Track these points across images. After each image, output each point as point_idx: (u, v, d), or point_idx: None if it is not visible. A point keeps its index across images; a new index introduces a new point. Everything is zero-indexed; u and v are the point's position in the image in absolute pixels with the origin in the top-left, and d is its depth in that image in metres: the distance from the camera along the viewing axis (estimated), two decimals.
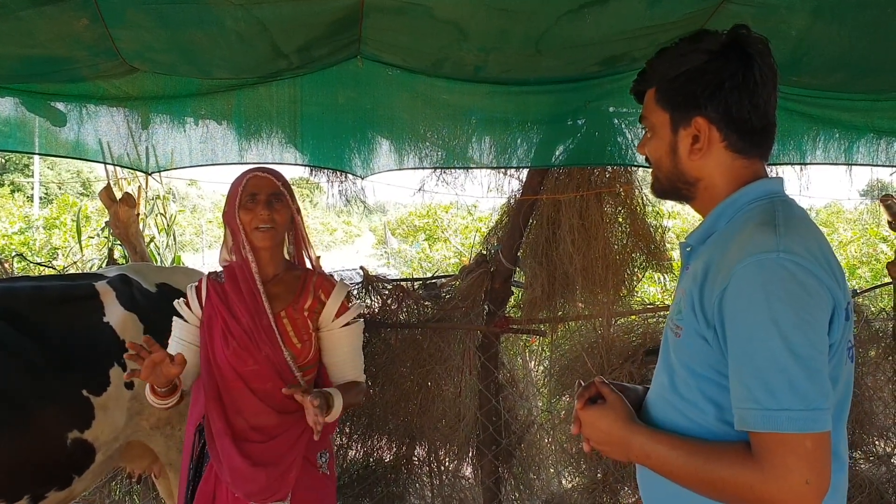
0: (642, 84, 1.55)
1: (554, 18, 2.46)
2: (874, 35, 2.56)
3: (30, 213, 15.33)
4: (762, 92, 1.43)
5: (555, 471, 4.26)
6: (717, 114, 1.43)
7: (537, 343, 4.35)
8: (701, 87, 1.43)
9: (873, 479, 4.01)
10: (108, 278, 2.98)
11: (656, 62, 1.51)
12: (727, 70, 1.41)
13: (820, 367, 1.25)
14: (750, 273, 1.27)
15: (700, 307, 1.36)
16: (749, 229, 1.34)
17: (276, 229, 2.32)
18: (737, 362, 1.29)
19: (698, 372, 1.39)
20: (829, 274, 1.29)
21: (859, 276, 8.87)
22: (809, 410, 1.22)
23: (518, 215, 3.86)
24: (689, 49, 1.45)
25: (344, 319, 2.41)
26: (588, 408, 1.52)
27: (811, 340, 1.24)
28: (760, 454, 1.25)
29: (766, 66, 1.43)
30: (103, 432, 2.75)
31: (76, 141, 3.51)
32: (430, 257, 12.26)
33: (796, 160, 3.64)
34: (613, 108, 3.35)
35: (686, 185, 1.51)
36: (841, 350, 1.35)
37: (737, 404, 1.29)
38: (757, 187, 1.44)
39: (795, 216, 1.38)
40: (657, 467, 1.41)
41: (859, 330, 4.07)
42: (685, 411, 1.42)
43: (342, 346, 2.42)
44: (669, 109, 1.48)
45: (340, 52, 2.84)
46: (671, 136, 1.49)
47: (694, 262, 1.46)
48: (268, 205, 2.30)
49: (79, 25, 2.44)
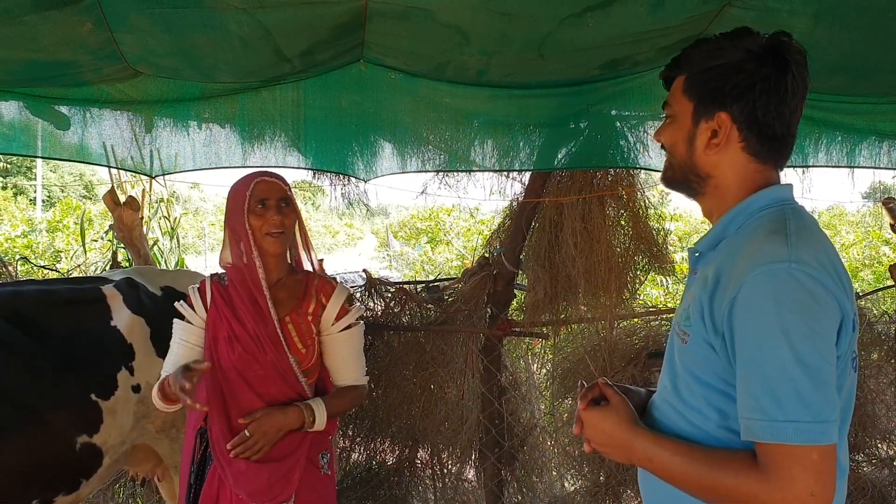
0: (674, 70, 1.54)
1: (556, 22, 2.47)
2: (875, 38, 2.56)
3: (33, 216, 15.34)
4: (790, 101, 1.42)
5: (557, 474, 4.26)
6: (742, 114, 1.43)
7: (540, 346, 4.35)
8: (732, 84, 1.42)
9: (876, 482, 4.01)
10: (115, 282, 2.99)
11: (692, 51, 1.49)
12: (761, 73, 1.41)
13: (828, 379, 1.24)
14: (761, 283, 1.26)
15: (709, 315, 1.35)
16: (760, 238, 1.34)
17: (286, 234, 2.33)
18: (745, 371, 1.28)
19: (703, 379, 1.39)
20: (838, 284, 1.29)
21: (862, 279, 8.86)
22: (817, 423, 1.22)
23: (520, 218, 3.86)
24: (728, 44, 1.44)
25: (343, 323, 2.42)
26: (591, 409, 1.51)
27: (820, 351, 1.24)
28: (766, 464, 1.25)
29: (799, 76, 1.42)
30: (111, 436, 2.76)
31: (80, 144, 3.51)
32: (433, 260, 12.27)
33: (798, 163, 3.65)
34: (616, 112, 3.36)
35: (697, 178, 1.51)
36: (846, 360, 1.35)
37: (743, 414, 1.29)
38: (768, 194, 1.44)
39: (806, 225, 1.37)
40: (659, 471, 1.40)
41: (862, 333, 4.07)
42: (688, 416, 1.42)
43: (341, 351, 2.43)
44: (695, 100, 1.47)
45: (343, 57, 2.85)
46: (691, 126, 1.48)
47: (703, 268, 1.46)
48: (278, 210, 2.31)
49: (83, 30, 2.45)
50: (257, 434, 2.21)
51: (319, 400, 2.32)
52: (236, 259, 2.37)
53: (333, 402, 2.37)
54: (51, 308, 2.76)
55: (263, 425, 2.22)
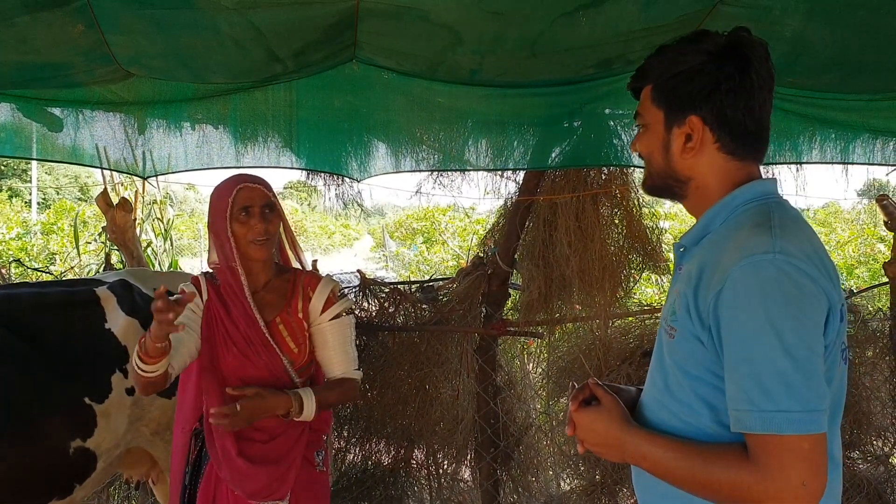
0: (639, 81, 1.56)
1: (548, 21, 2.47)
2: (867, 35, 2.56)
3: (28, 219, 15.30)
4: (758, 96, 1.44)
5: (553, 473, 4.26)
6: (712, 114, 1.44)
7: (535, 345, 4.35)
8: (697, 88, 1.44)
9: (871, 478, 4.01)
10: (109, 284, 2.97)
11: (654, 60, 1.51)
12: (724, 72, 1.42)
13: (816, 369, 1.25)
14: (746, 275, 1.28)
15: (695, 309, 1.36)
16: (745, 231, 1.35)
17: (271, 240, 2.32)
18: (733, 364, 1.29)
19: (692, 373, 1.39)
20: (824, 275, 1.30)
21: (857, 276, 8.88)
22: (807, 412, 1.23)
23: (515, 217, 3.86)
24: (689, 49, 1.46)
25: (331, 313, 2.40)
26: (583, 409, 1.51)
27: (807, 342, 1.25)
28: (757, 455, 1.26)
29: (763, 69, 1.44)
30: (105, 440, 2.74)
31: (73, 146, 3.51)
32: (429, 260, 12.27)
33: (793, 160, 3.65)
34: (609, 110, 3.36)
35: (677, 183, 1.52)
36: (835, 351, 1.35)
37: (733, 406, 1.30)
38: (751, 188, 1.45)
39: (790, 217, 1.39)
40: (652, 468, 1.41)
41: (856, 330, 4.07)
42: (679, 413, 1.43)
43: (329, 341, 2.40)
44: (665, 107, 1.49)
45: (336, 57, 2.84)
46: (664, 133, 1.50)
47: (687, 263, 1.47)
48: (262, 217, 2.28)
49: (74, 31, 2.44)
50: (243, 412, 2.15)
51: (309, 389, 2.29)
52: (221, 263, 2.35)
53: (324, 392, 2.33)
54: (44, 311, 2.75)
55: (251, 406, 2.17)
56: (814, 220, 13.21)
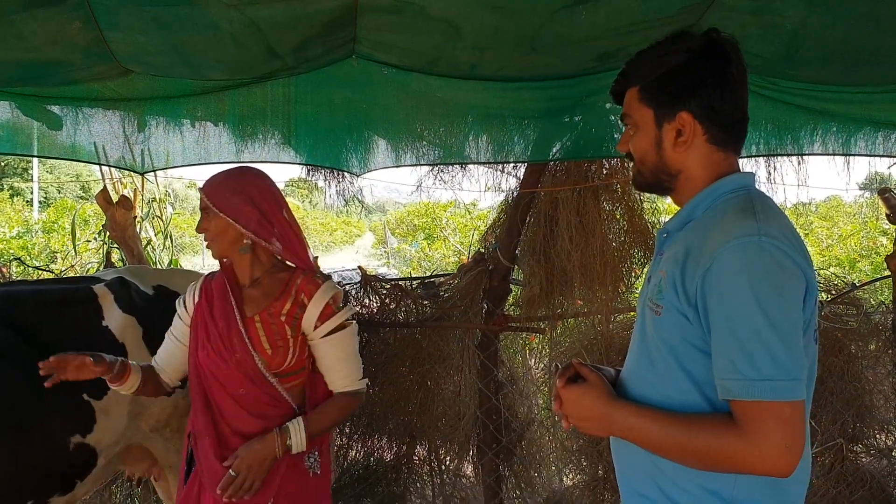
0: (623, 84, 1.64)
1: (548, 15, 2.46)
2: (868, 27, 2.55)
3: (29, 217, 15.32)
4: (739, 88, 1.55)
5: (556, 468, 4.26)
6: (701, 108, 1.53)
7: (536, 340, 4.35)
8: (685, 85, 1.53)
9: (875, 472, 4.00)
10: (106, 281, 2.97)
11: (637, 63, 1.60)
12: (708, 68, 1.52)
13: (797, 341, 1.36)
14: (734, 254, 1.37)
15: (682, 286, 1.45)
16: (730, 216, 1.44)
17: (210, 241, 2.32)
18: (720, 336, 1.37)
19: (678, 349, 1.47)
20: (802, 256, 1.41)
21: (859, 270, 8.86)
22: (789, 380, 1.32)
23: (515, 213, 3.86)
24: (671, 49, 1.55)
25: (326, 328, 2.30)
26: (569, 386, 1.58)
27: (789, 316, 1.35)
28: (743, 421, 1.34)
29: (740, 65, 1.55)
30: (105, 436, 2.74)
31: (72, 143, 3.50)
32: (430, 256, 12.27)
33: (794, 152, 3.64)
34: (610, 104, 3.34)
35: (668, 176, 1.61)
36: (809, 331, 1.44)
37: (720, 375, 1.38)
38: (734, 180, 1.55)
39: (770, 206, 1.49)
40: (640, 440, 1.48)
41: (859, 323, 4.07)
42: (660, 387, 1.51)
43: (326, 357, 2.33)
44: (654, 106, 1.57)
45: (335, 52, 2.83)
46: (656, 131, 1.58)
47: (669, 248, 1.56)
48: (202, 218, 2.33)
49: (72, 28, 2.43)
50: (243, 471, 2.17)
51: (299, 420, 2.25)
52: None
53: (316, 418, 2.29)
54: (42, 308, 2.74)
55: (245, 461, 2.18)
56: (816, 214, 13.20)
